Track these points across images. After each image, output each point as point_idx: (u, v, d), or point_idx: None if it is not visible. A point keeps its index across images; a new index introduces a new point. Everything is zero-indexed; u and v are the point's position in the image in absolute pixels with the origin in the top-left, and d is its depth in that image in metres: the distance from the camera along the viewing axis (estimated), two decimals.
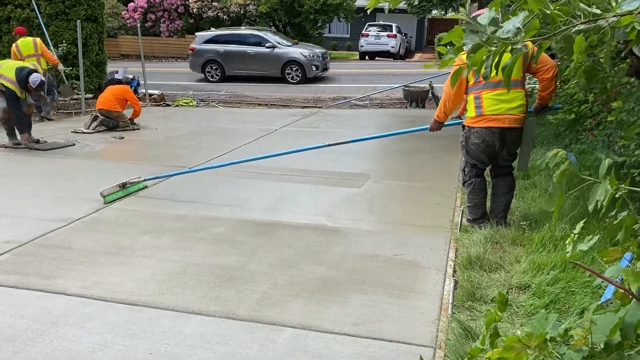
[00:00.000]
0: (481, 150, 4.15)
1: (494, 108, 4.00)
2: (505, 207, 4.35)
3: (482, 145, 4.12)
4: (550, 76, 3.97)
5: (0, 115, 7.47)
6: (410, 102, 12.59)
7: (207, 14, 26.01)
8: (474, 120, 4.11)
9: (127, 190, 5.23)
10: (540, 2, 1.14)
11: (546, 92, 4.10)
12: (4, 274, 3.49)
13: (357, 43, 28.44)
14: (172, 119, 10.56)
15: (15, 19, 12.15)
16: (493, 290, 3.22)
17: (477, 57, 1.21)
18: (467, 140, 4.21)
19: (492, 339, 1.32)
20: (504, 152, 4.15)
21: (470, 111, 4.13)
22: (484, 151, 4.14)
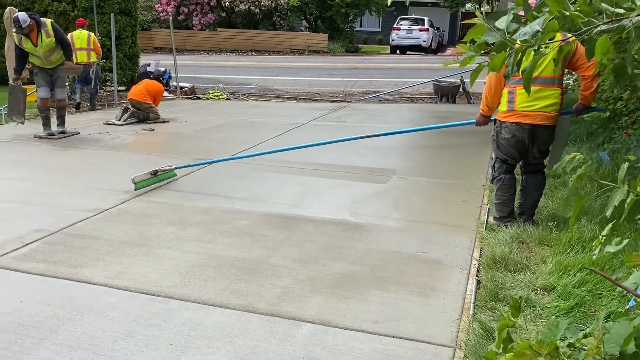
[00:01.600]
0: (511, 145, 4.08)
1: (526, 104, 3.92)
2: (534, 205, 4.26)
3: (512, 141, 4.05)
4: (591, 74, 3.84)
5: (38, 104, 7.71)
6: (440, 97, 12.45)
7: (238, 7, 26.16)
8: (505, 114, 4.05)
9: (158, 178, 5.35)
10: (559, 3, 1.09)
11: (588, 91, 3.96)
12: (34, 261, 3.59)
13: (389, 37, 28.23)
14: (201, 112, 10.67)
15: (52, 12, 12.45)
16: (517, 291, 3.16)
17: (496, 60, 1.18)
18: (497, 135, 4.17)
19: (505, 344, 1.29)
20: (534, 149, 4.07)
21: (503, 105, 4.06)
22: (514, 146, 4.08)
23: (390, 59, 23.56)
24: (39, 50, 7.36)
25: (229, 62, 20.91)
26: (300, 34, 27.14)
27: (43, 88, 7.67)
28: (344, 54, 25.89)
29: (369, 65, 20.04)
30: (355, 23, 29.86)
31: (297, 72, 18.11)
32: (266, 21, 26.97)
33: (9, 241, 3.90)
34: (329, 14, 26.90)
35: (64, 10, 12.42)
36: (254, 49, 25.99)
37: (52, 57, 7.54)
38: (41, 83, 7.67)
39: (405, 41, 26.85)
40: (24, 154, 6.81)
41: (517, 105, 3.96)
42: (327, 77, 16.79)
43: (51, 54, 7.51)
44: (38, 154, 6.78)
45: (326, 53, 25.62)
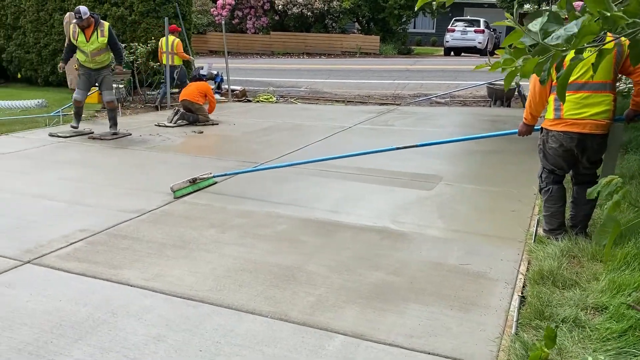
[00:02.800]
0: (559, 155, 3.88)
1: (574, 112, 3.71)
2: (586, 217, 4.02)
3: (559, 150, 3.86)
4: None
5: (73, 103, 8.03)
6: (494, 100, 12.06)
7: (291, 10, 26.34)
8: (551, 123, 3.86)
9: (197, 185, 5.37)
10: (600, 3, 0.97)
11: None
12: (76, 261, 3.67)
13: (443, 38, 27.71)
14: (250, 115, 10.77)
15: (110, 17, 12.89)
16: (565, 310, 2.96)
17: (528, 66, 1.06)
18: (544, 144, 3.97)
19: None
20: (584, 159, 3.86)
21: (549, 113, 3.86)
22: (562, 156, 3.88)
23: (443, 61, 23.10)
24: (89, 46, 7.72)
25: (280, 65, 21.08)
26: (352, 36, 27.05)
27: (80, 91, 8.03)
28: (395, 55, 25.60)
29: (421, 67, 19.70)
30: (409, 25, 29.48)
31: (347, 74, 18.03)
32: (318, 24, 27.04)
33: (55, 240, 4.02)
34: (382, 15, 26.67)
35: (122, 14, 12.83)
36: (306, 51, 26.11)
37: (98, 57, 7.85)
38: (81, 85, 8.02)
39: (459, 43, 26.26)
40: (77, 154, 7.04)
41: (564, 113, 3.75)
42: (377, 79, 16.63)
43: (98, 54, 7.82)
44: (90, 155, 6.99)
45: (378, 55, 25.41)
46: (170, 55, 11.16)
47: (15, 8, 14.10)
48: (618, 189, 1.06)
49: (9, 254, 3.76)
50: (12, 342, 2.71)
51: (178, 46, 11.32)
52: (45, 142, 7.64)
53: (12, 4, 14.10)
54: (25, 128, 8.61)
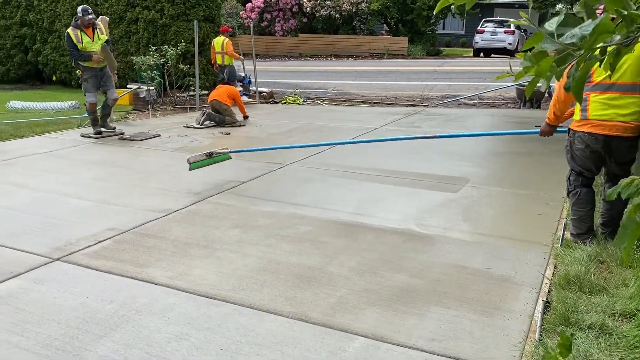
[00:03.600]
0: (586, 156, 3.82)
1: (600, 113, 3.64)
2: (618, 216, 3.87)
3: (586, 152, 3.80)
4: None
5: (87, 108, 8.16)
6: (524, 102, 11.85)
7: (319, 12, 26.41)
8: (578, 123, 3.80)
9: (213, 159, 5.58)
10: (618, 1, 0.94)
11: None
12: (103, 259, 3.75)
13: (472, 39, 27.39)
14: (277, 116, 10.83)
15: (142, 20, 13.15)
16: (591, 316, 2.90)
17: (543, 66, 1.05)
18: (571, 145, 3.91)
19: None
20: (612, 161, 3.76)
21: (576, 114, 3.82)
22: (589, 158, 3.81)
23: (472, 62, 22.83)
24: (95, 45, 7.92)
25: (308, 67, 21.14)
26: (380, 38, 26.95)
27: (93, 93, 8.13)
28: (424, 57, 25.41)
29: (449, 69, 19.51)
30: (438, 26, 29.23)
31: (374, 76, 17.99)
32: (346, 26, 27.03)
33: (84, 238, 4.11)
34: (410, 17, 26.51)
35: (153, 18, 13.07)
36: (333, 53, 26.13)
37: (102, 55, 8.06)
38: (90, 89, 8.11)
39: (489, 44, 25.91)
40: (107, 154, 7.20)
41: (590, 113, 3.69)
42: (405, 81, 16.53)
43: (102, 51, 8.03)
44: (120, 155, 7.14)
45: (406, 56, 25.26)
46: (221, 55, 11.87)
47: (51, 12, 14.51)
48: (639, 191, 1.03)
49: (40, 252, 3.87)
50: (39, 337, 2.79)
51: (228, 46, 11.88)
52: (77, 143, 7.83)
53: (48, 8, 14.51)
54: (58, 129, 8.85)
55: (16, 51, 15.55)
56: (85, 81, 8.07)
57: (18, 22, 15.16)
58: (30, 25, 15.11)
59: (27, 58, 15.54)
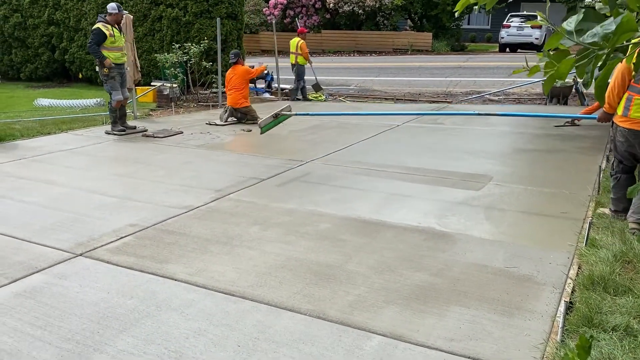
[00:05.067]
0: (625, 149, 4.27)
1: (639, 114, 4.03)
2: None
3: (625, 144, 4.25)
4: None
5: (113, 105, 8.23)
6: (550, 98, 11.62)
7: (342, 8, 26.31)
8: (620, 119, 4.22)
9: (278, 120, 6.17)
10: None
11: None
12: (125, 255, 3.80)
13: (498, 35, 26.98)
14: None
15: (165, 18, 13.27)
16: (616, 317, 2.82)
17: (563, 68, 1.01)
18: (615, 136, 4.37)
19: None
20: None
21: (620, 109, 4.20)
22: (628, 150, 4.26)
23: (498, 58, 22.49)
24: (122, 40, 8.13)
25: (331, 64, 21.09)
26: (404, 34, 26.74)
27: (119, 91, 8.20)
28: (448, 52, 25.14)
29: (474, 64, 19.27)
30: (462, 21, 28.88)
31: (397, 72, 17.87)
32: (369, 21, 26.88)
33: (106, 234, 4.17)
34: (435, 12, 26.26)
35: (176, 15, 13.18)
36: (356, 49, 26.03)
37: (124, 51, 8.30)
38: (116, 86, 8.17)
39: (515, 39, 25.49)
40: (130, 151, 7.30)
41: (631, 113, 4.06)
42: (429, 76, 16.38)
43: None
44: (143, 152, 7.22)
45: (430, 52, 25.03)
46: (295, 55, 12.44)
47: (77, 11, 14.75)
48: None
49: (64, 247, 3.94)
50: (61, 331, 2.84)
51: (303, 47, 12.46)
52: (101, 140, 7.95)
53: (74, 7, 14.76)
54: (84, 126, 9.00)
55: (44, 49, 15.85)
56: (112, 79, 8.15)
57: (45, 20, 15.44)
58: (57, 24, 15.38)
59: (55, 56, 15.83)
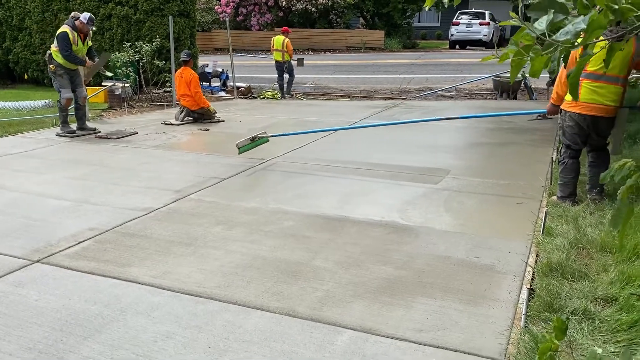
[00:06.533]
0: (574, 132, 4.56)
1: (588, 97, 4.33)
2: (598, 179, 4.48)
3: (575, 128, 4.55)
4: None
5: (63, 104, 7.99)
6: (500, 93, 11.99)
7: (295, 6, 26.29)
8: (569, 104, 4.52)
9: (255, 143, 6.21)
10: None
11: None
12: (85, 260, 3.69)
13: (448, 32, 27.58)
14: (256, 111, 10.77)
15: (115, 16, 12.93)
16: (574, 302, 2.95)
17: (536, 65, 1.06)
18: (563, 122, 4.64)
19: None
20: (594, 135, 4.54)
21: (568, 95, 4.46)
22: (577, 133, 4.55)
23: (448, 55, 23.01)
24: (83, 49, 7.92)
25: None
26: (357, 32, 26.96)
27: (68, 89, 7.98)
28: (401, 50, 25.52)
29: (426, 62, 19.64)
30: (413, 19, 29.36)
31: (352, 69, 18.01)
32: (323, 19, 26.97)
33: (64, 239, 4.04)
34: (386, 10, 26.59)
35: (126, 13, 12.86)
36: (311, 47, 26.05)
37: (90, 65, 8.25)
38: (66, 84, 7.96)
39: (464, 36, 26.15)
40: (84, 153, 7.08)
41: (580, 97, 4.35)
42: (383, 74, 16.59)
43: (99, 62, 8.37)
44: (97, 154, 7.02)
45: (383, 50, 25.33)
46: (281, 52, 12.77)
47: (21, 9, 14.16)
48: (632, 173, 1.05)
49: (18, 254, 3.79)
50: (22, 340, 2.73)
51: (289, 45, 12.84)
52: (52, 142, 7.68)
53: (17, 5, 14.16)
54: (33, 128, 8.67)
55: None
56: (59, 76, 7.88)
57: None
58: None
59: None
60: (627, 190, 1.04)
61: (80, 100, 8.16)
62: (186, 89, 9.27)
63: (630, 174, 1.06)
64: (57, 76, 7.89)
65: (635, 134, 6.44)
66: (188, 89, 9.26)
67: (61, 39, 7.69)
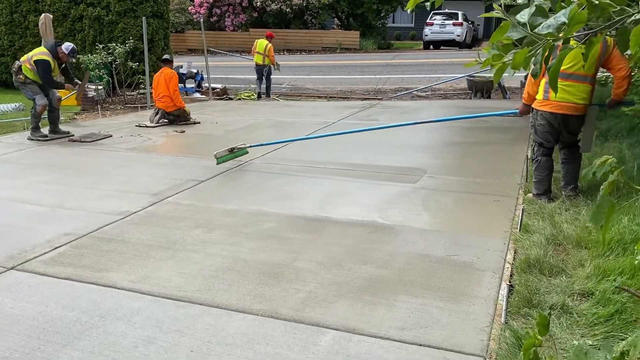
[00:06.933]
0: (546, 130, 4.64)
1: (559, 96, 4.39)
2: (575, 174, 4.71)
3: (546, 127, 4.63)
4: (622, 75, 4.34)
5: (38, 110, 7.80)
6: (474, 92, 12.16)
7: (270, 7, 26.22)
8: (540, 103, 4.60)
9: (234, 154, 6.08)
10: None
11: (619, 89, 4.46)
12: (61, 266, 3.61)
13: (422, 32, 27.84)
14: (232, 113, 10.71)
15: (87, 17, 12.71)
16: (552, 297, 3.00)
17: (518, 59, 1.07)
18: (535, 121, 4.70)
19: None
20: (565, 132, 4.64)
21: (539, 94, 4.57)
22: (549, 131, 4.64)
23: (423, 55, 23.22)
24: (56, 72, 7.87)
25: None
26: (332, 32, 27.02)
27: (42, 94, 7.84)
28: (376, 50, 25.66)
29: (402, 62, 19.79)
30: (388, 19, 29.56)
31: (328, 70, 18.04)
32: (297, 20, 26.96)
33: (39, 245, 3.95)
34: (361, 11, 26.69)
35: (98, 14, 12.66)
36: (286, 48, 26.01)
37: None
38: (38, 90, 7.83)
39: (438, 36, 26.43)
40: (57, 157, 6.94)
41: (551, 96, 4.43)
42: (359, 74, 16.65)
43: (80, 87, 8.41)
44: (71, 157, 6.89)
45: (358, 50, 25.44)
46: (262, 56, 12.85)
47: None
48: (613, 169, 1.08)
49: None
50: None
51: (270, 50, 12.92)
52: (24, 147, 7.51)
53: None
54: (3, 132, 8.47)
55: None
56: (30, 84, 7.73)
57: None
58: None
59: None
60: (609, 186, 1.07)
61: (54, 103, 8.00)
62: (165, 89, 9.17)
63: (612, 170, 1.08)
64: (27, 85, 7.74)
65: (607, 131, 6.59)
66: (167, 88, 9.16)
67: (42, 65, 7.61)
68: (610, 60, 4.29)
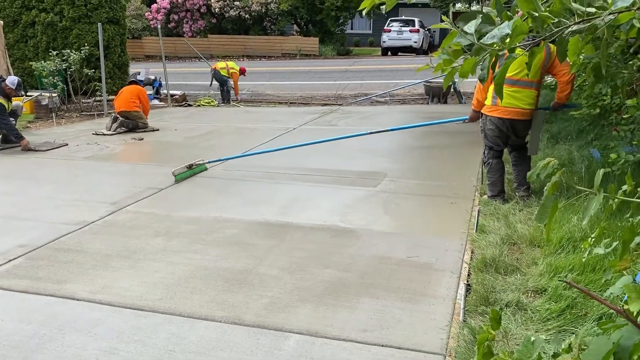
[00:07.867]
0: (495, 135, 4.78)
1: (506, 102, 4.54)
2: (525, 176, 4.69)
3: (495, 131, 4.77)
4: (565, 80, 4.53)
5: None
6: (431, 97, 12.42)
7: (229, 13, 26.10)
8: (489, 109, 4.75)
9: (193, 171, 5.97)
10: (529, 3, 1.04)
11: (563, 93, 4.64)
12: (16, 278, 3.52)
13: (380, 39, 28.22)
14: (192, 119, 10.61)
15: (39, 23, 12.36)
16: (508, 294, 3.11)
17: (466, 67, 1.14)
18: (484, 126, 4.84)
19: (486, 359, 1.23)
20: (513, 136, 4.80)
21: (488, 100, 4.73)
22: (498, 136, 4.78)
23: (381, 61, 23.55)
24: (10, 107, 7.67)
25: None
26: (291, 38, 27.09)
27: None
28: (335, 57, 25.86)
29: (360, 68, 20.02)
30: (346, 26, 29.83)
31: (288, 76, 18.08)
32: (257, 26, 26.91)
33: None
34: (320, 17, 26.86)
35: (52, 20, 12.32)
36: (245, 54, 25.93)
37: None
38: None
39: (396, 42, 26.84)
40: (10, 166, 6.73)
41: (499, 101, 4.56)
42: (319, 80, 16.75)
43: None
44: (25, 167, 6.70)
45: (317, 56, 25.57)
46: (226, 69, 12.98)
47: None
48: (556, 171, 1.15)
49: None
50: None
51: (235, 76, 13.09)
52: None
53: None
54: None
55: None
56: None
57: None
58: None
59: None
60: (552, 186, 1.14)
61: (19, 111, 7.82)
62: (136, 98, 9.21)
63: (554, 171, 1.16)
64: None
65: (557, 134, 6.85)
66: (138, 98, 9.26)
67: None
68: (554, 66, 4.50)
